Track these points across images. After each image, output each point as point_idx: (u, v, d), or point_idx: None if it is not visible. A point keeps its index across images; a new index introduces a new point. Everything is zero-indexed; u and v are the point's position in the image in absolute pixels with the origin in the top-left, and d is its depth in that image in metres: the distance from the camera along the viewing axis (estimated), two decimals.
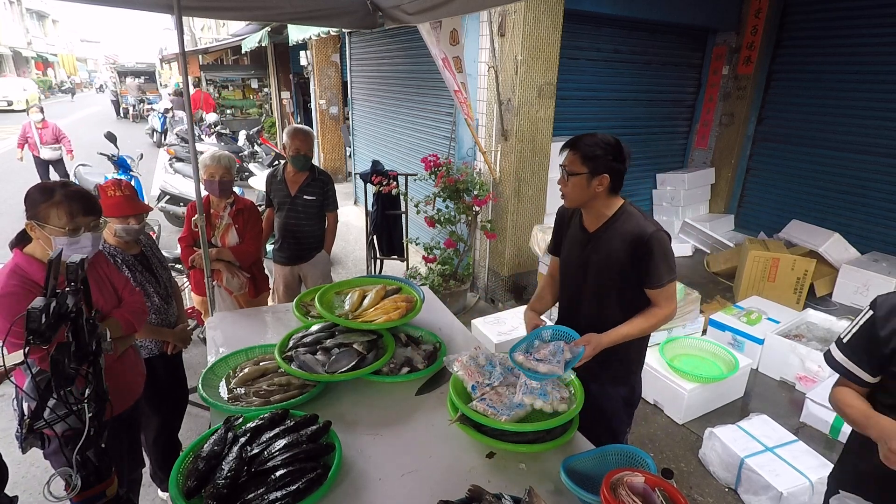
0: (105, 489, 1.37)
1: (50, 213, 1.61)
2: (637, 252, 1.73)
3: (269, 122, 13.95)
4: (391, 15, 3.21)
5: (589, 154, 1.71)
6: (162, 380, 2.33)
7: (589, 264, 1.86)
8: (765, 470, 2.49)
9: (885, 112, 4.76)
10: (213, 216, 2.88)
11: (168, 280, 2.36)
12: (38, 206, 1.62)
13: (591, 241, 1.85)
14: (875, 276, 4.32)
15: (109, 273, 1.91)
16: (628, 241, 1.74)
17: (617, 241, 1.78)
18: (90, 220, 1.68)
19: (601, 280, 1.84)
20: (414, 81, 5.83)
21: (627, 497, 1.22)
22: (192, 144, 2.79)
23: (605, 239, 1.81)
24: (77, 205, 1.64)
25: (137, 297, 1.97)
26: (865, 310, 1.38)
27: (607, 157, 1.71)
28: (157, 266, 2.28)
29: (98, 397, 1.31)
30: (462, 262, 4.76)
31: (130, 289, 1.96)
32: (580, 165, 1.73)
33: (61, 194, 1.63)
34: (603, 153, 1.71)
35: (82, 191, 1.71)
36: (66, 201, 1.62)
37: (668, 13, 5.12)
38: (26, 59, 35.07)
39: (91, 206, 1.69)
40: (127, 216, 2.08)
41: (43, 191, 1.64)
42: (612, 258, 1.79)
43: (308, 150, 3.18)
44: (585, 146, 1.73)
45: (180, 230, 6.23)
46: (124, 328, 1.84)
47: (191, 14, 3.06)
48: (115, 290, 1.90)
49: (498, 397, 1.65)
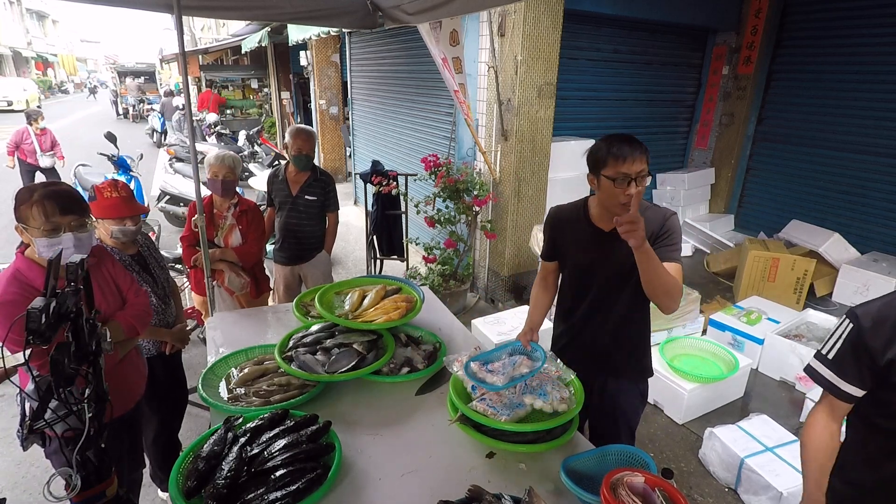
0: (105, 489, 1.37)
1: (28, 215, 1.59)
2: (658, 233, 1.73)
3: (269, 122, 13.95)
4: (391, 15, 3.21)
5: (648, 155, 1.66)
6: (160, 380, 2.33)
7: (610, 263, 1.81)
8: (765, 470, 2.49)
9: (885, 112, 4.76)
10: (216, 216, 2.88)
11: (166, 280, 2.35)
12: (19, 208, 1.60)
13: (610, 239, 1.77)
14: (875, 276, 4.32)
15: (115, 274, 1.89)
16: (649, 229, 1.71)
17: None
18: (70, 219, 1.62)
19: (622, 277, 1.80)
20: (414, 81, 5.83)
21: (627, 497, 1.22)
22: (191, 144, 2.79)
23: None
24: (52, 204, 1.59)
25: (142, 300, 1.95)
26: (842, 322, 1.32)
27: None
28: (154, 266, 2.28)
29: (98, 397, 1.31)
30: (462, 262, 4.76)
31: (136, 290, 1.94)
32: (647, 163, 1.66)
33: (39, 194, 1.60)
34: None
35: (61, 190, 1.65)
36: (41, 201, 1.58)
37: (668, 13, 5.12)
38: (26, 60, 35.06)
39: (69, 205, 1.63)
40: (123, 218, 2.06)
41: (24, 191, 1.62)
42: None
43: (310, 151, 3.18)
44: (645, 148, 1.66)
45: (180, 230, 6.25)
46: (126, 331, 1.83)
47: (191, 14, 3.06)
48: (119, 291, 1.88)
49: (498, 397, 1.65)
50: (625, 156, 1.62)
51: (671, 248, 1.73)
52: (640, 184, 1.62)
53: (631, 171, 1.62)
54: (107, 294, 1.82)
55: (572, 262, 1.93)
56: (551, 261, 2.03)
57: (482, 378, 1.68)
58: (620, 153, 1.62)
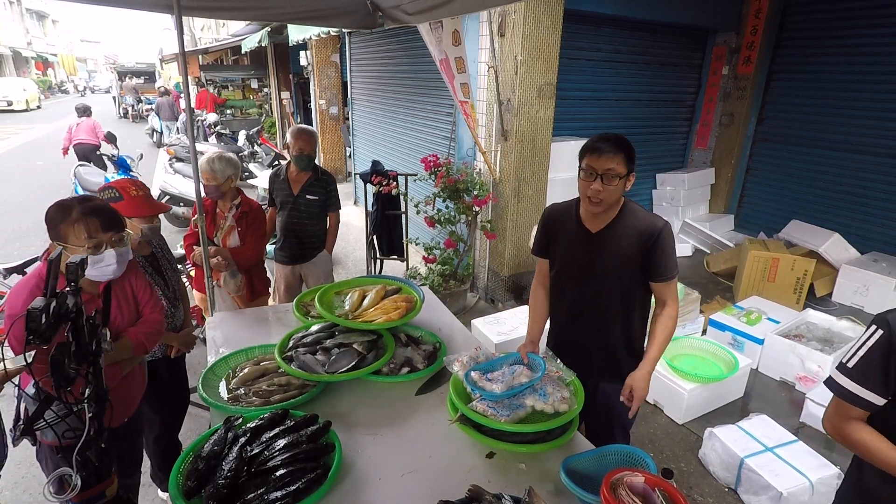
0: (105, 489, 1.37)
1: (69, 233, 1.54)
2: (647, 245, 1.72)
3: (269, 122, 13.95)
4: (391, 15, 3.21)
5: (632, 155, 1.68)
6: (164, 382, 2.32)
7: (595, 265, 1.83)
8: (765, 470, 2.49)
9: (885, 112, 4.76)
10: (217, 216, 2.88)
11: (177, 283, 2.32)
12: (57, 226, 1.55)
13: (596, 241, 1.82)
14: (875, 276, 4.32)
15: (136, 287, 1.84)
16: (637, 237, 1.73)
17: (625, 239, 1.76)
18: (111, 235, 1.59)
19: (608, 280, 1.82)
20: (414, 81, 5.83)
21: (627, 497, 1.22)
22: (191, 144, 2.79)
23: (612, 238, 1.79)
24: (95, 221, 1.56)
25: (157, 316, 1.89)
26: (870, 330, 1.28)
27: (635, 156, 1.71)
28: (166, 268, 2.25)
29: (98, 397, 1.31)
30: (462, 262, 4.76)
31: (153, 305, 1.88)
32: (624, 166, 1.67)
33: (78, 211, 1.55)
34: (634, 153, 1.71)
35: (101, 206, 1.63)
36: (83, 218, 1.54)
37: (668, 13, 5.12)
38: (26, 59, 35.06)
39: (111, 222, 1.60)
40: (152, 216, 2.03)
41: (60, 209, 1.57)
42: (620, 256, 1.77)
43: (311, 151, 3.19)
44: (628, 146, 1.68)
45: (180, 230, 6.26)
46: (135, 349, 1.78)
47: (191, 14, 3.06)
48: (136, 304, 1.84)
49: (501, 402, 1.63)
50: (598, 151, 1.66)
51: (663, 266, 1.75)
52: (606, 182, 1.65)
53: (597, 165, 1.65)
54: (123, 307, 1.78)
55: (561, 260, 1.95)
56: (543, 257, 2.04)
57: (482, 387, 1.68)
58: (595, 147, 1.67)
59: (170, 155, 7.74)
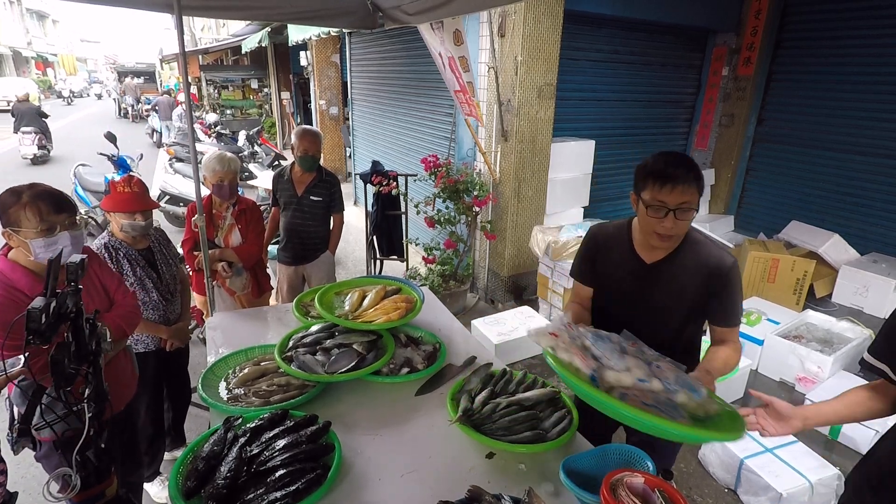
0: (104, 489, 1.37)
1: (20, 217, 1.56)
2: (714, 286, 1.51)
3: (269, 122, 13.96)
4: (391, 15, 3.21)
5: (702, 186, 1.43)
6: (154, 375, 2.35)
7: (646, 300, 1.61)
8: (764, 471, 2.49)
9: (885, 113, 4.76)
10: (215, 217, 2.88)
11: (172, 278, 2.35)
12: (7, 211, 1.57)
13: (651, 273, 1.59)
14: (875, 276, 4.32)
15: (101, 274, 1.87)
16: (703, 274, 1.51)
17: (686, 275, 1.54)
18: (63, 217, 1.62)
19: (658, 317, 1.62)
20: (414, 81, 5.83)
21: (627, 498, 1.22)
22: (191, 144, 2.79)
23: (670, 271, 1.57)
24: (46, 203, 1.59)
25: (130, 300, 1.93)
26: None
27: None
28: (161, 263, 2.28)
29: (98, 397, 1.31)
30: (462, 262, 4.76)
31: (123, 290, 1.92)
32: (698, 196, 1.43)
33: (28, 195, 1.58)
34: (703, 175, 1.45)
35: (49, 190, 1.65)
36: (33, 201, 1.57)
37: (668, 14, 5.12)
38: (26, 59, 35.06)
39: (62, 204, 1.63)
40: (133, 212, 2.08)
41: (11, 194, 1.59)
42: (678, 293, 1.56)
43: (316, 152, 3.19)
44: (698, 171, 1.42)
45: (180, 230, 6.26)
46: (114, 333, 1.80)
47: (191, 14, 3.07)
48: (106, 292, 1.86)
49: (652, 395, 1.30)
50: (670, 180, 1.37)
51: (731, 312, 1.52)
52: (680, 217, 1.38)
53: (670, 200, 1.37)
54: (93, 295, 1.80)
55: (616, 287, 1.69)
56: (587, 284, 1.78)
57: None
58: (666, 175, 1.38)
59: (170, 155, 7.75)
